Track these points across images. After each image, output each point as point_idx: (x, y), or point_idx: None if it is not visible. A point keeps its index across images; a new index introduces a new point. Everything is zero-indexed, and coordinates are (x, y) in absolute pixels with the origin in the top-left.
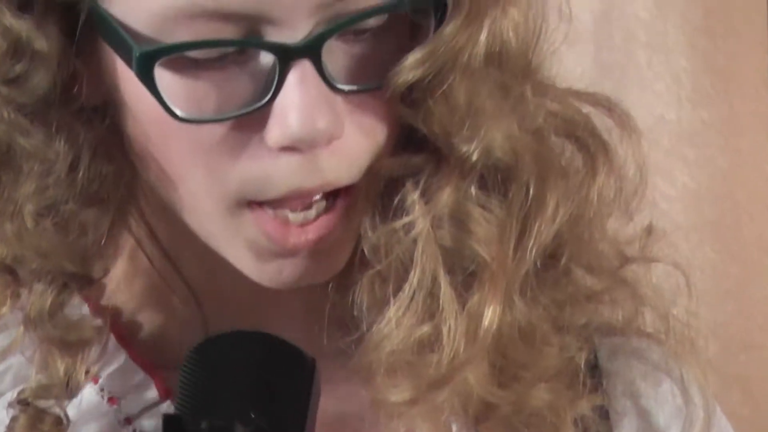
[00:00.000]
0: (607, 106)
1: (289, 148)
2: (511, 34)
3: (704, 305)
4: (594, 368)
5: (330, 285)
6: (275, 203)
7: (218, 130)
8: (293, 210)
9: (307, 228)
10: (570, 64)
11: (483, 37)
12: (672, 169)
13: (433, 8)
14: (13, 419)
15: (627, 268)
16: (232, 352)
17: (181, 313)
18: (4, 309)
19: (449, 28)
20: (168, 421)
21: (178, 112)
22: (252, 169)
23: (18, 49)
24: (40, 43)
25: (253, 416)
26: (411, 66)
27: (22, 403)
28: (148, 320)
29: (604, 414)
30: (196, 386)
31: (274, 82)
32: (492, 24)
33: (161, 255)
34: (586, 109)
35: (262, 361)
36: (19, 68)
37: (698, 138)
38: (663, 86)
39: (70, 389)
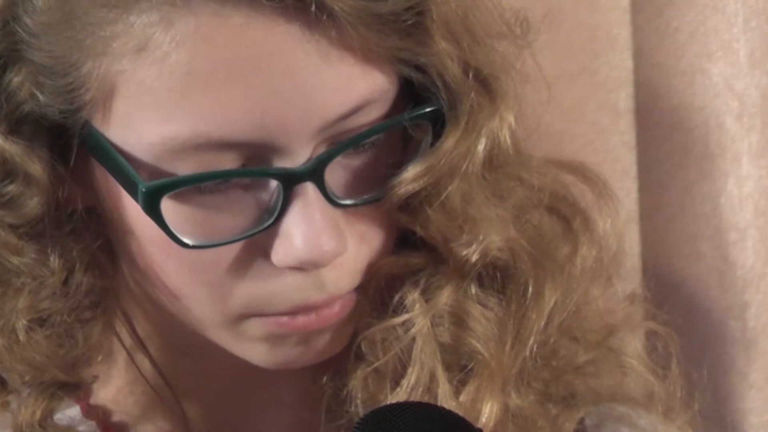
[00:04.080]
0: (585, 173)
1: (294, 268)
2: (507, 138)
3: None
4: None
5: (325, 377)
6: (279, 313)
7: (223, 251)
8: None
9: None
10: None
11: (480, 147)
12: None
13: (431, 123)
14: None
15: (612, 336)
16: (400, 425)
17: (168, 417)
18: None
19: (447, 143)
20: None
21: (186, 240)
22: (257, 288)
23: (9, 171)
24: (33, 167)
25: None
26: (410, 179)
27: None
28: (137, 423)
29: None
30: None
31: (278, 206)
32: (489, 133)
33: (151, 365)
34: (564, 178)
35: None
36: (11, 190)
37: None
38: None
39: None
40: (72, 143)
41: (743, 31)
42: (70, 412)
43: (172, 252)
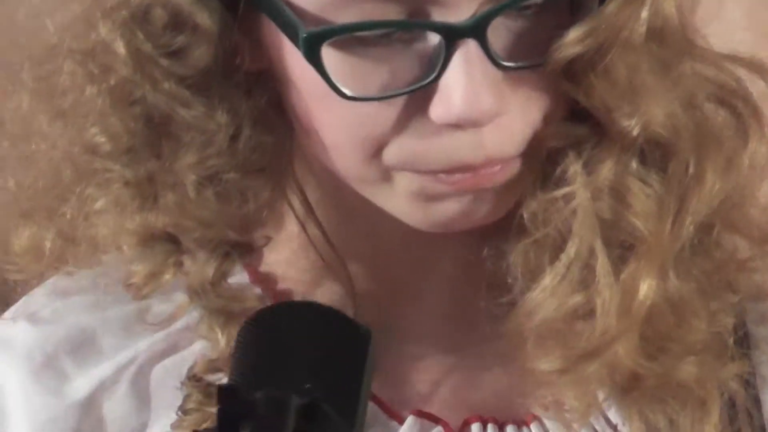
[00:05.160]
0: (762, 71)
1: (453, 125)
2: (672, 9)
3: None
4: (742, 334)
5: (485, 250)
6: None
7: (381, 106)
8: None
9: (471, 171)
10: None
11: (644, 14)
12: None
13: None
14: (187, 397)
15: None
16: (287, 323)
17: (336, 285)
18: (167, 276)
19: (611, 6)
20: (223, 391)
21: (345, 91)
22: (413, 144)
23: (179, 22)
24: (202, 17)
25: (308, 387)
26: (572, 42)
27: (194, 379)
28: (303, 289)
29: (751, 380)
30: (251, 357)
31: (439, 61)
32: (654, 1)
33: (320, 231)
34: (740, 73)
35: (318, 332)
36: (180, 41)
37: None
38: None
39: None
40: None
41: None
42: (238, 278)
43: (332, 105)
